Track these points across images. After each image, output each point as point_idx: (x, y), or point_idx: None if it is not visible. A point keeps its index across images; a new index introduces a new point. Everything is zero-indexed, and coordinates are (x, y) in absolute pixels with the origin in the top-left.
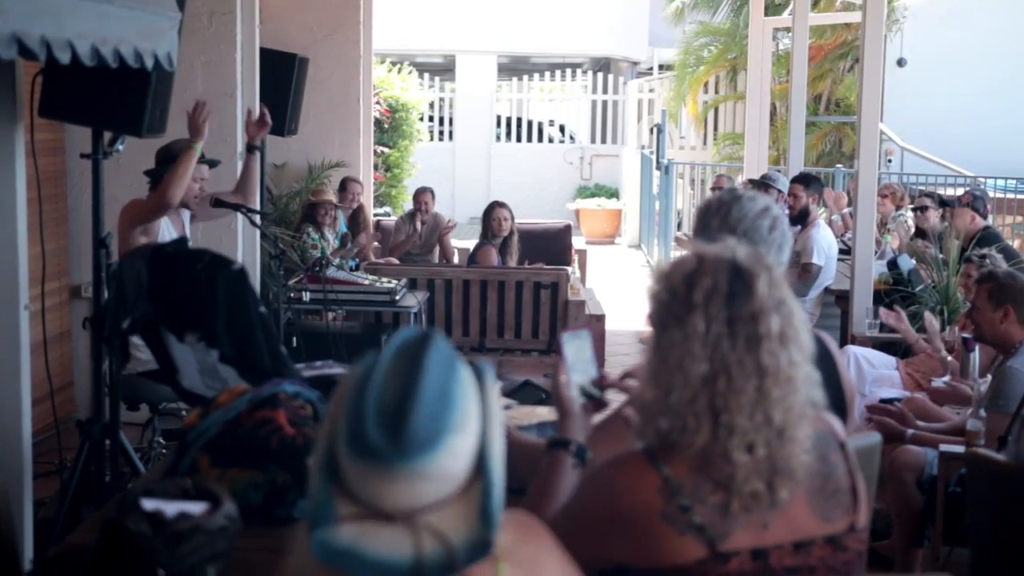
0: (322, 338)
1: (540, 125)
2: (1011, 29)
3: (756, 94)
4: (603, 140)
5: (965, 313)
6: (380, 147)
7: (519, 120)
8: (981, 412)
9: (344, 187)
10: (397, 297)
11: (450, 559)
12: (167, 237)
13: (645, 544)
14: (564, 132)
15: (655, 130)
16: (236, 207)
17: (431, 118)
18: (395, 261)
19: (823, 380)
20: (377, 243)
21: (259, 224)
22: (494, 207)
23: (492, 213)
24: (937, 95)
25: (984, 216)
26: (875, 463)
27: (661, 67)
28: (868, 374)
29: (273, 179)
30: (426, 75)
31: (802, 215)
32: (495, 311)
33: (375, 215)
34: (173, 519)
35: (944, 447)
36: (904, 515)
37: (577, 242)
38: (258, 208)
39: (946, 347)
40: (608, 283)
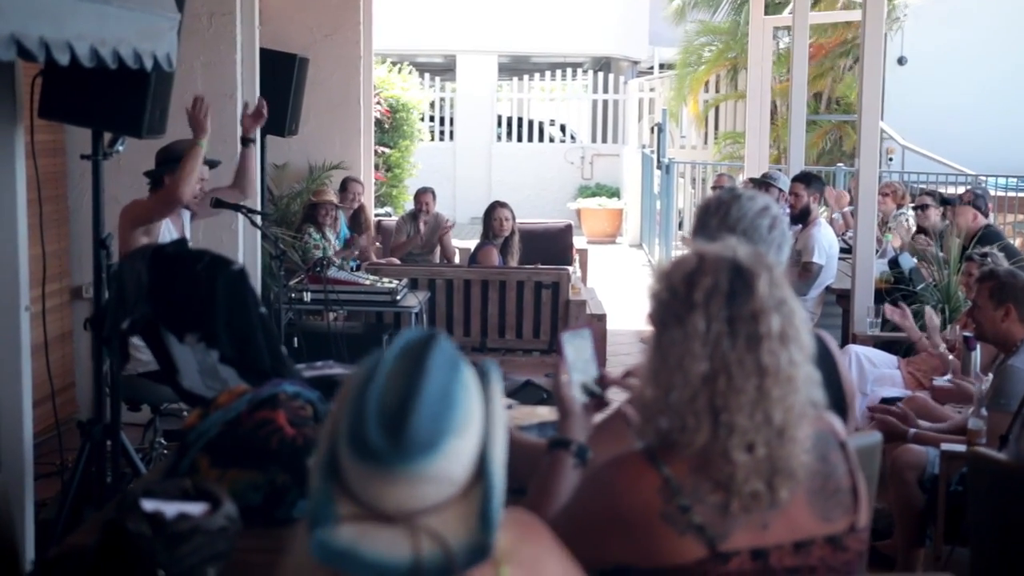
0: (323, 338)
1: (541, 125)
2: (1011, 28)
3: (757, 93)
4: (604, 139)
5: (966, 312)
6: (381, 147)
7: (520, 120)
8: (982, 411)
9: (345, 187)
10: (398, 297)
11: (448, 562)
12: (168, 237)
13: (645, 544)
14: (565, 132)
15: (656, 129)
16: (237, 207)
17: (432, 118)
18: (396, 261)
19: (823, 380)
20: (378, 243)
21: (260, 225)
22: (495, 207)
23: (493, 213)
24: (938, 93)
25: (985, 214)
26: (876, 462)
27: (662, 66)
28: (870, 373)
29: (274, 180)
30: (427, 75)
31: (803, 214)
32: (496, 311)
33: (376, 215)
34: (173, 520)
35: (946, 446)
36: (905, 514)
37: (578, 242)
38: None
39: (947, 346)
40: (609, 283)
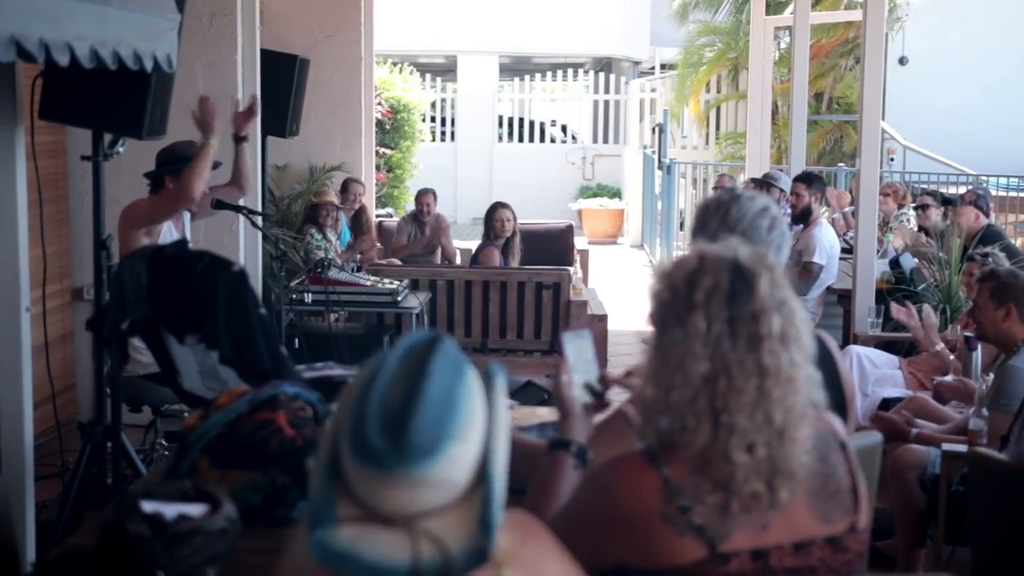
0: (324, 339)
1: (542, 125)
2: (1011, 28)
3: (757, 93)
4: (605, 140)
5: (967, 312)
6: (382, 148)
7: (521, 120)
8: (983, 411)
9: (346, 188)
10: (399, 298)
11: (447, 566)
12: (169, 238)
13: (645, 545)
14: (566, 132)
15: (657, 130)
16: (237, 208)
17: (433, 119)
18: (397, 262)
19: (823, 380)
20: (379, 244)
21: (260, 226)
22: (496, 208)
23: (494, 214)
24: (939, 93)
25: (987, 214)
26: (876, 463)
27: (663, 67)
28: (871, 374)
29: (275, 180)
30: (428, 76)
31: (804, 214)
32: (497, 312)
33: (377, 216)
34: (173, 521)
35: (947, 446)
36: (906, 515)
37: (579, 242)
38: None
39: (948, 346)
40: (610, 283)
